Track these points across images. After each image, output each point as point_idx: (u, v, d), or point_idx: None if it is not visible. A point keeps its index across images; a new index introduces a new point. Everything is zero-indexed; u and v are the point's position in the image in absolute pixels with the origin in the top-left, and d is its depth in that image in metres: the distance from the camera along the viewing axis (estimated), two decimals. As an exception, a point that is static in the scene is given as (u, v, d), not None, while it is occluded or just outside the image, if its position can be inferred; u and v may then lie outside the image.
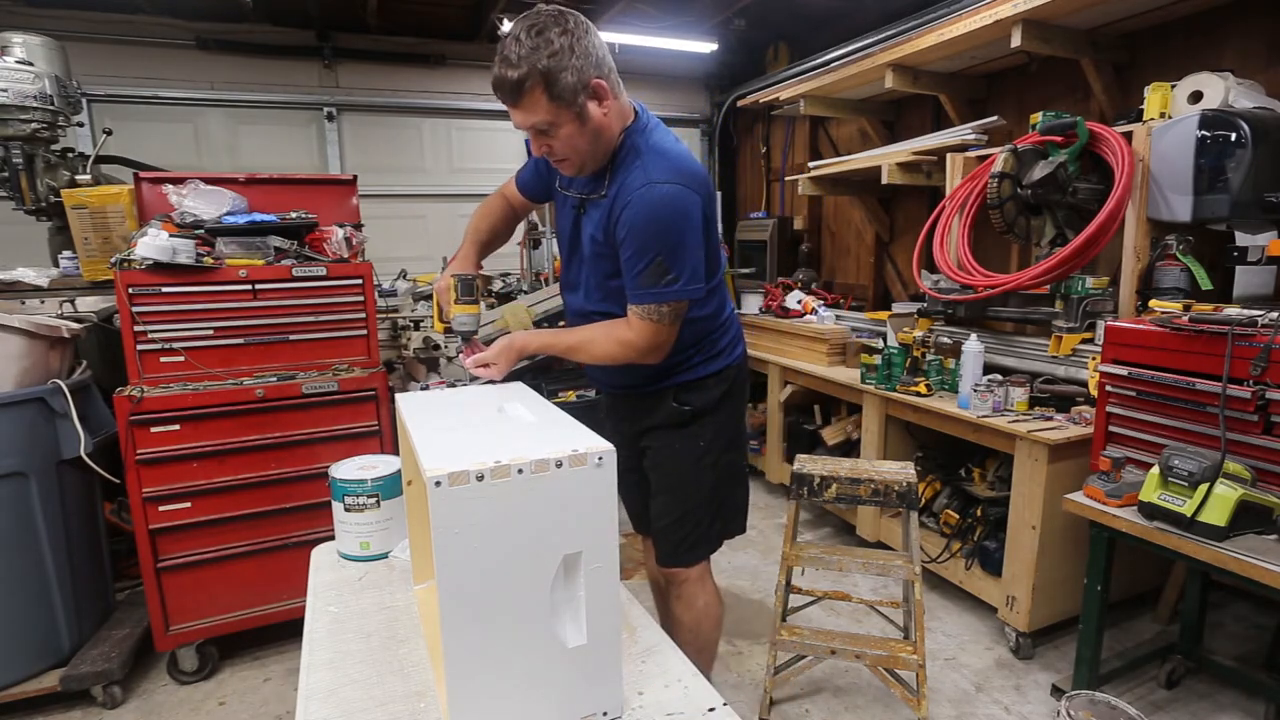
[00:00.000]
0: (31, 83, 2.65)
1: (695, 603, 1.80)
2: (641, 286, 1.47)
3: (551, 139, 1.44)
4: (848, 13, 4.64)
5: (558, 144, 1.45)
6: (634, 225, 1.44)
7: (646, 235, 1.44)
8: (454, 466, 0.88)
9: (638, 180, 1.45)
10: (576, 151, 1.47)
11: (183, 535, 2.32)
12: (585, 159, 1.50)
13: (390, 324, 3.65)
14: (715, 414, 1.73)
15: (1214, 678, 2.31)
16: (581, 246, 1.65)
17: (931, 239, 3.09)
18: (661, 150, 1.50)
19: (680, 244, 1.45)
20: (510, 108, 1.41)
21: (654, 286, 1.46)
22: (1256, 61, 2.69)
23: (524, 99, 1.37)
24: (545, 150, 1.49)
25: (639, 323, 1.51)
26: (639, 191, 1.44)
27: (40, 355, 2.20)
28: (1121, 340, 2.13)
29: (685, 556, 1.76)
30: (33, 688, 2.18)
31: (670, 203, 1.44)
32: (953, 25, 3.07)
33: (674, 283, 1.46)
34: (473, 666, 0.93)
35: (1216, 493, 1.70)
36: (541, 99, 1.36)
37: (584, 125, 1.43)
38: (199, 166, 5.05)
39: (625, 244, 1.47)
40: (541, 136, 1.45)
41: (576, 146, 1.46)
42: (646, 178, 1.44)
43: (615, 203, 1.49)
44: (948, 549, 2.81)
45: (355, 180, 2.80)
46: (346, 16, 4.98)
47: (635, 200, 1.44)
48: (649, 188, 1.43)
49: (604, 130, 1.47)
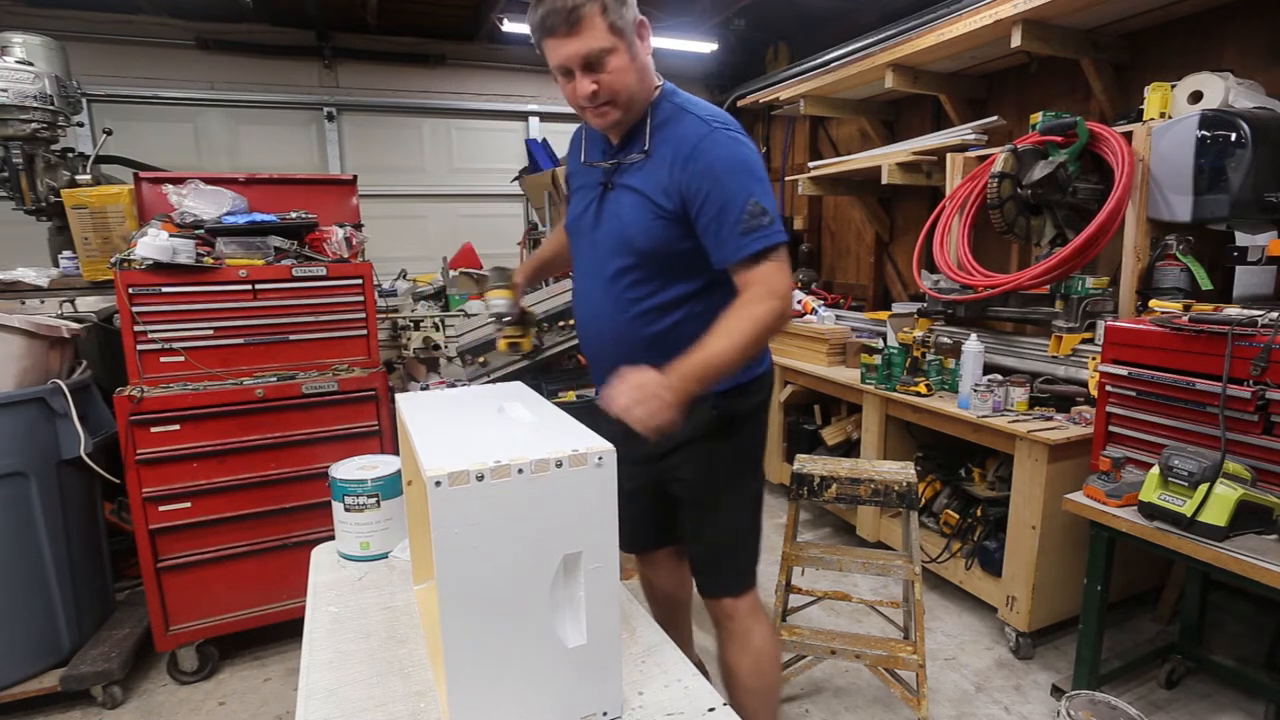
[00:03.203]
0: (31, 83, 2.65)
1: (751, 640, 1.60)
2: (744, 234, 1.31)
3: (601, 72, 1.32)
4: (848, 13, 4.64)
5: (607, 78, 1.33)
6: (715, 170, 1.32)
7: (734, 176, 1.32)
8: (454, 466, 0.88)
9: (696, 129, 1.36)
10: (625, 87, 1.35)
11: (183, 535, 2.32)
12: (629, 102, 1.38)
13: (390, 324, 3.65)
14: (754, 421, 1.61)
15: (1214, 678, 2.31)
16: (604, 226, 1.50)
17: (931, 239, 3.09)
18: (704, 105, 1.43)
19: (765, 182, 1.34)
20: (562, 37, 1.30)
21: (757, 231, 1.31)
22: (1256, 61, 2.69)
23: (583, 22, 1.28)
24: (589, 91, 1.34)
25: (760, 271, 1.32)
26: (706, 137, 1.34)
27: (40, 355, 2.20)
28: (1121, 340, 2.13)
29: (735, 584, 1.58)
30: (33, 688, 2.18)
31: (743, 143, 1.36)
32: (953, 25, 3.07)
33: (773, 222, 1.32)
34: (473, 666, 0.93)
35: (1216, 493, 1.70)
36: (600, 23, 1.28)
37: (633, 61, 1.34)
38: (199, 166, 5.06)
39: (709, 196, 1.33)
40: (589, 73, 1.33)
41: (627, 82, 1.35)
42: (706, 125, 1.35)
43: (673, 160, 1.37)
44: (948, 549, 2.81)
45: (355, 180, 2.80)
46: (346, 16, 4.98)
47: (705, 146, 1.33)
48: (715, 131, 1.34)
49: (645, 74, 1.39)
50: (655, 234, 1.41)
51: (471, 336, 3.26)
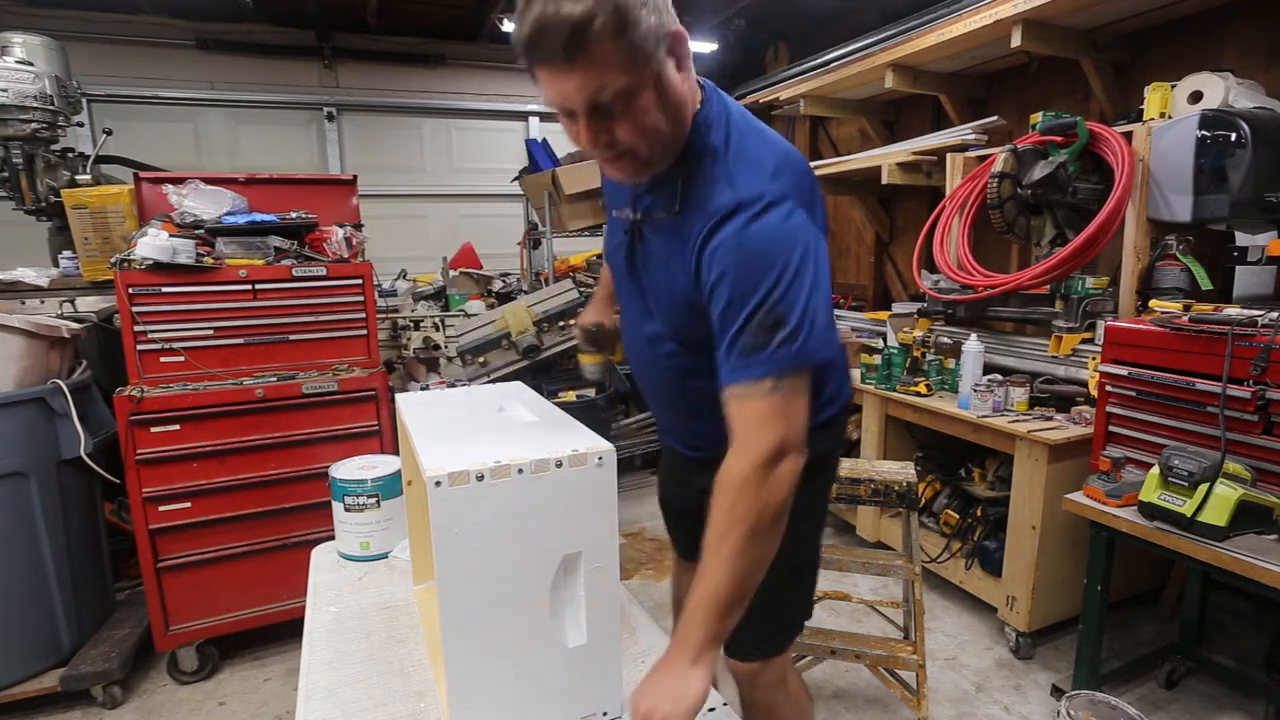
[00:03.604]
0: (31, 83, 2.65)
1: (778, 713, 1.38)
2: (745, 352, 0.98)
3: (617, 120, 0.97)
4: (848, 13, 4.64)
5: (626, 126, 0.97)
6: (728, 260, 1.00)
7: (749, 269, 0.98)
8: (454, 466, 0.88)
9: (723, 200, 1.02)
10: (651, 135, 1.00)
11: (183, 535, 2.32)
12: (654, 153, 1.03)
13: (390, 324, 3.65)
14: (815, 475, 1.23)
15: (1214, 678, 2.31)
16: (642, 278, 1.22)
17: (931, 239, 3.09)
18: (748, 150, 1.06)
19: (796, 281, 0.98)
20: (558, 70, 0.92)
21: (762, 349, 0.97)
22: (1256, 61, 2.69)
23: (588, 49, 0.89)
24: (603, 140, 0.99)
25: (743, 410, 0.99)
26: (728, 220, 1.00)
27: (40, 355, 2.20)
28: (1121, 340, 2.13)
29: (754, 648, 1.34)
30: (33, 688, 2.18)
31: (772, 227, 0.99)
32: (953, 25, 3.07)
33: (790, 340, 0.97)
34: (473, 666, 0.93)
35: (1216, 493, 1.70)
36: (612, 50, 0.90)
37: (663, 97, 0.98)
38: (199, 166, 5.06)
39: (716, 291, 1.02)
40: (599, 118, 0.97)
41: (652, 127, 0.99)
42: (735, 196, 1.01)
43: (696, 230, 1.05)
44: (948, 549, 2.81)
45: (355, 180, 2.80)
46: (346, 16, 4.98)
47: (723, 230, 1.00)
48: (739, 208, 1.00)
49: (682, 109, 1.03)
50: (683, 314, 1.13)
51: (471, 336, 3.26)
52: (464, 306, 3.90)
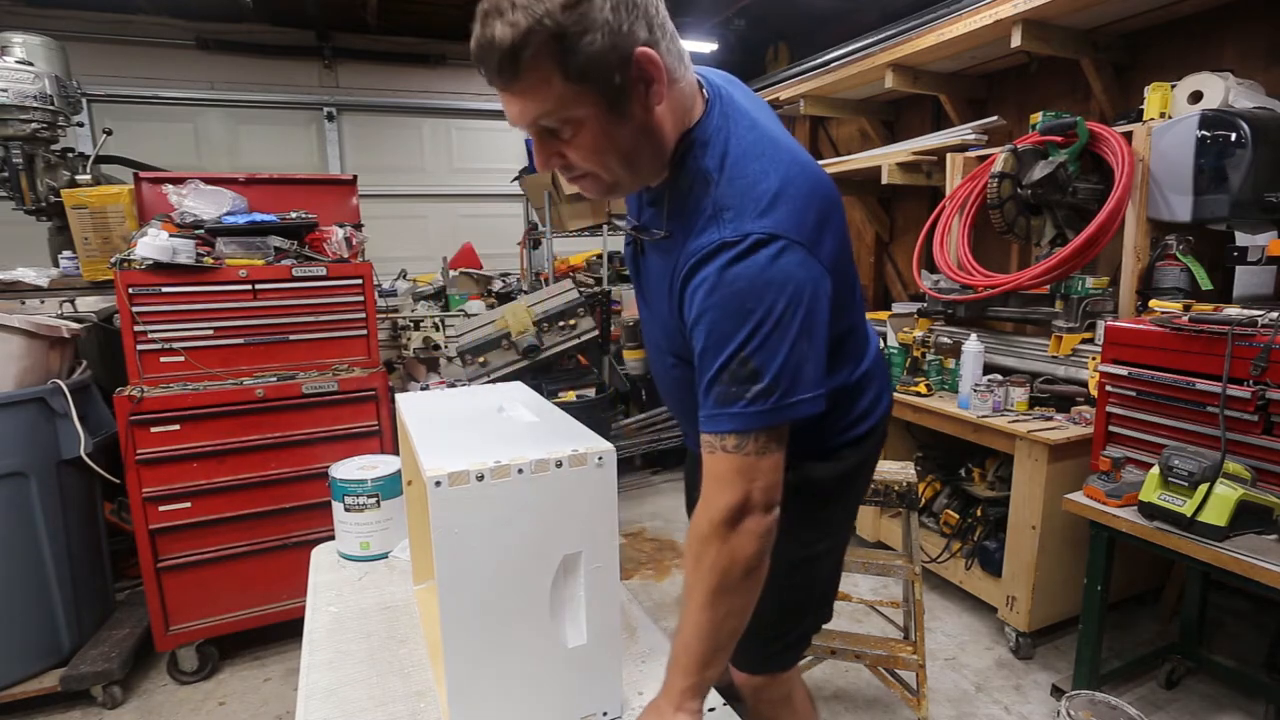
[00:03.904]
0: (31, 83, 2.65)
1: None
2: (717, 402, 0.94)
3: (564, 144, 0.93)
4: (848, 13, 4.64)
5: (577, 151, 0.93)
6: (705, 308, 0.94)
7: (726, 316, 0.92)
8: (454, 466, 0.88)
9: (706, 236, 0.94)
10: (603, 165, 0.95)
11: (183, 535, 2.32)
12: (620, 176, 0.97)
13: (390, 324, 3.65)
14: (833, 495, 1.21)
15: (1214, 678, 2.31)
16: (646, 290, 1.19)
17: (931, 239, 3.09)
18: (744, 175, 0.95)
19: (777, 330, 0.91)
20: (502, 92, 0.89)
21: (733, 403, 0.92)
22: (1256, 61, 2.69)
23: (524, 77, 0.85)
24: (557, 163, 0.96)
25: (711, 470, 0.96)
26: (707, 256, 0.93)
27: (40, 355, 2.20)
28: (1121, 340, 2.13)
29: (756, 663, 1.33)
30: (33, 688, 2.18)
31: (754, 271, 0.91)
32: (953, 25, 3.07)
33: (764, 396, 0.91)
34: (473, 666, 0.93)
35: (1216, 493, 1.70)
36: (554, 77, 0.85)
37: (618, 125, 0.91)
38: (199, 166, 5.06)
39: (695, 333, 0.97)
40: (548, 140, 0.93)
41: (603, 158, 0.94)
42: (718, 234, 0.93)
43: (680, 264, 0.99)
44: (948, 549, 2.81)
45: (355, 180, 2.80)
46: (346, 16, 4.98)
47: (702, 270, 0.94)
48: (720, 249, 0.92)
49: (651, 134, 0.95)
50: (677, 336, 1.07)
51: (471, 336, 3.26)
52: (464, 306, 3.90)
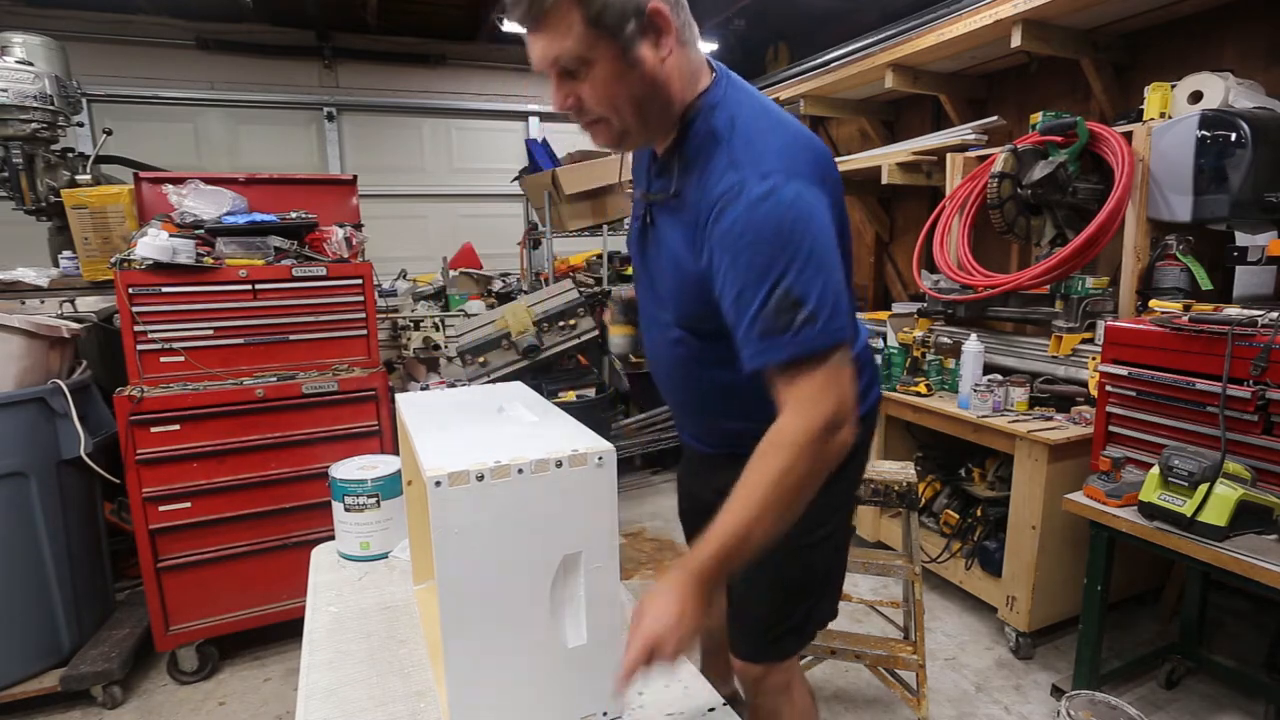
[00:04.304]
0: (31, 83, 2.65)
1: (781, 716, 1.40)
2: (762, 335, 0.98)
3: (580, 84, 1.03)
4: (848, 13, 4.64)
5: (588, 94, 1.04)
6: (734, 240, 1.00)
7: (760, 252, 0.98)
8: (454, 466, 0.88)
9: (726, 180, 1.02)
10: (615, 109, 1.05)
11: (183, 535, 2.32)
12: (629, 123, 1.07)
13: (390, 324, 3.65)
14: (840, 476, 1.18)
15: (1214, 678, 2.31)
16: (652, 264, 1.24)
17: (931, 239, 3.09)
18: (754, 131, 1.06)
19: (811, 260, 0.97)
20: (529, 33, 1.02)
21: (784, 333, 0.97)
22: (1256, 61, 2.69)
23: (549, 18, 0.98)
24: (571, 104, 1.06)
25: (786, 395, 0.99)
26: (733, 192, 1.01)
27: (40, 355, 2.20)
28: (1121, 340, 2.13)
29: (765, 653, 1.36)
30: (33, 688, 2.18)
31: (781, 207, 0.98)
32: (953, 25, 3.07)
33: (811, 321, 0.96)
34: (473, 666, 0.93)
35: (1216, 493, 1.70)
36: (576, 20, 0.97)
37: (629, 70, 1.02)
38: (199, 166, 5.06)
39: (726, 275, 1.01)
40: (566, 81, 1.04)
41: (615, 101, 1.04)
42: (739, 176, 1.01)
43: (698, 213, 1.06)
44: (948, 549, 2.81)
45: (355, 180, 2.80)
46: (346, 16, 4.98)
47: (728, 204, 1.01)
48: (743, 189, 1.00)
49: (660, 85, 1.05)
50: (690, 301, 1.13)
51: (471, 336, 3.26)
52: (464, 306, 3.90)
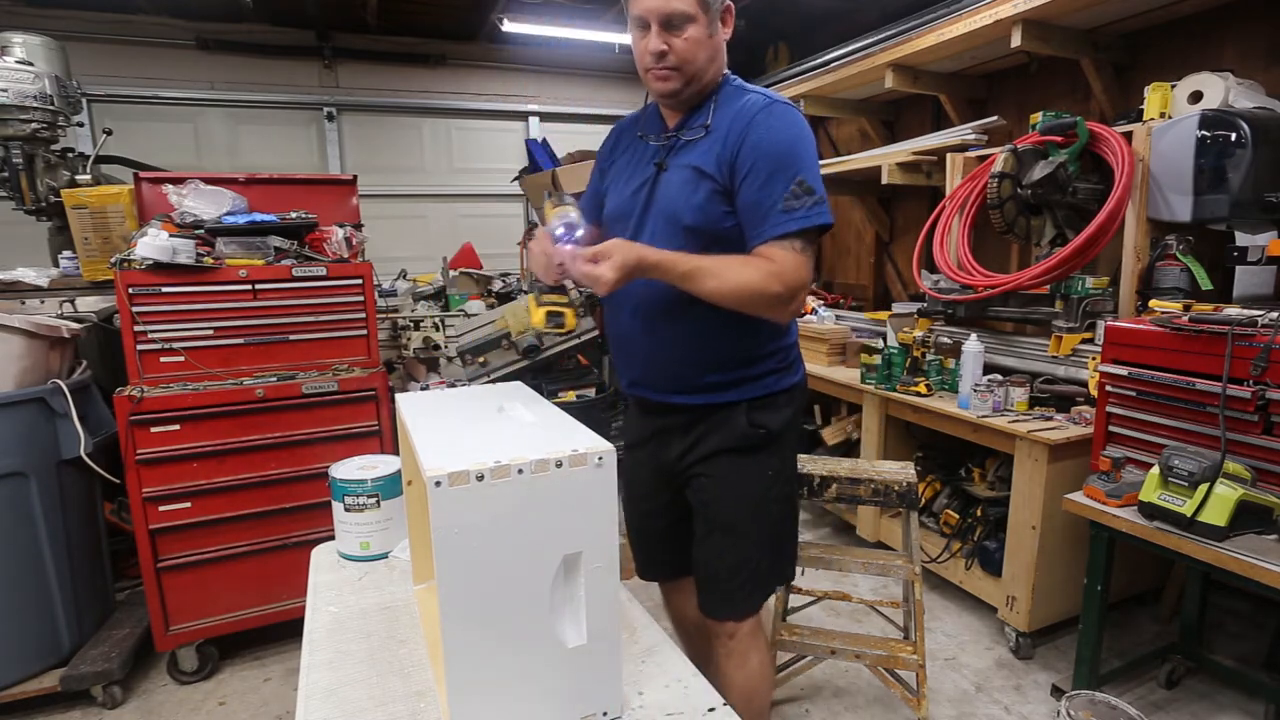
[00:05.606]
0: (31, 83, 2.65)
1: (748, 661, 1.56)
2: (784, 211, 1.30)
3: (676, 35, 1.34)
4: (848, 13, 4.64)
5: (680, 43, 1.34)
6: (767, 143, 1.32)
7: (785, 150, 1.32)
8: (454, 466, 0.88)
9: (756, 103, 1.37)
10: (695, 59, 1.36)
11: (183, 535, 2.32)
12: (695, 75, 1.39)
13: (390, 324, 3.65)
14: (785, 437, 1.52)
15: (1214, 678, 2.31)
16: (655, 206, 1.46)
17: (931, 239, 3.09)
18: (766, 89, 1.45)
19: (815, 160, 1.36)
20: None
21: (798, 210, 1.30)
22: (1256, 61, 2.69)
23: None
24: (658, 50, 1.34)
25: (783, 253, 1.30)
26: (765, 109, 1.36)
27: (40, 355, 2.20)
28: (1121, 340, 2.13)
29: (741, 606, 1.53)
30: (33, 688, 2.18)
31: (798, 121, 1.36)
32: (953, 25, 3.07)
33: (819, 204, 1.31)
34: (473, 666, 0.93)
35: (1216, 493, 1.70)
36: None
37: (710, 38, 1.37)
38: (199, 166, 5.06)
39: (755, 168, 1.33)
40: (664, 32, 1.34)
41: (696, 55, 1.36)
42: (766, 99, 1.38)
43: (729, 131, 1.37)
44: (948, 549, 2.81)
45: (355, 180, 2.80)
46: (346, 16, 4.98)
47: (761, 118, 1.34)
48: (775, 104, 1.36)
49: (718, 56, 1.42)
50: (701, 207, 1.39)
51: (471, 336, 3.26)
52: (464, 306, 3.90)
